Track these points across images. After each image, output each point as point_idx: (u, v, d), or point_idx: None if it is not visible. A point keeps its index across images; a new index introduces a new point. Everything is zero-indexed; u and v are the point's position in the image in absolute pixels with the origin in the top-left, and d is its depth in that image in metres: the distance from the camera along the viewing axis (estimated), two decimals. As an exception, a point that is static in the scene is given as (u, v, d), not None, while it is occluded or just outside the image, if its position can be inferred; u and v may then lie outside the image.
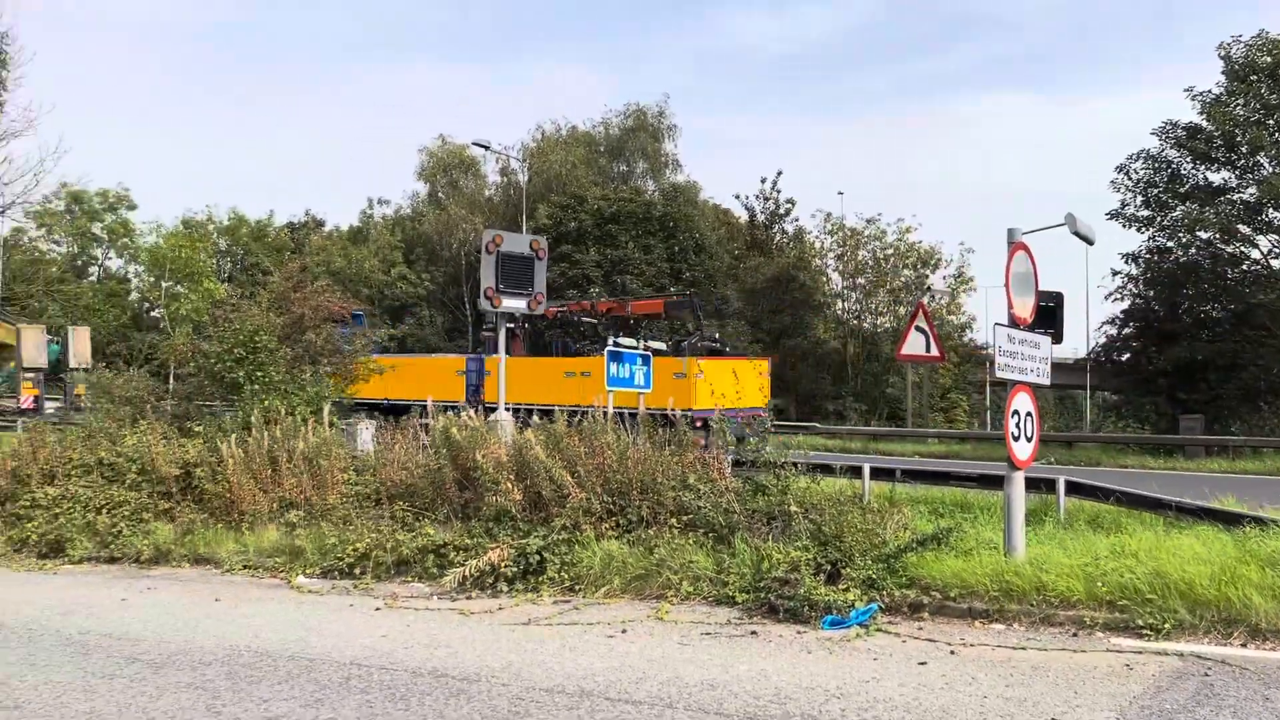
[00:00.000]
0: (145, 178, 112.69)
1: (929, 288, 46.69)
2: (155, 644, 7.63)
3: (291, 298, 17.09)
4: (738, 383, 22.60)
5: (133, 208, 61.20)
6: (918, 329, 24.82)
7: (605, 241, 42.92)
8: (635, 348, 18.05)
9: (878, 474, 13.11)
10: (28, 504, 12.20)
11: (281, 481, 11.88)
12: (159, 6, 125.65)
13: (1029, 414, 9.05)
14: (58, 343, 38.19)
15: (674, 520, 9.68)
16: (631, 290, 41.03)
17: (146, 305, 59.51)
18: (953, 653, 7.00)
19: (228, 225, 63.22)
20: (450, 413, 12.58)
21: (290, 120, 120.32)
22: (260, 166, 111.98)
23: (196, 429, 13.50)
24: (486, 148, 46.49)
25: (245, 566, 10.84)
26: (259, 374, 14.44)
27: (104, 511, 11.88)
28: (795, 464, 10.38)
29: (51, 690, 6.39)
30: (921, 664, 6.71)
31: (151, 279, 56.67)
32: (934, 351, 24.58)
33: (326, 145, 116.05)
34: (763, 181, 52.52)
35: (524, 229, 41.46)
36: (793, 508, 9.48)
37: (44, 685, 6.50)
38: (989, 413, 48.06)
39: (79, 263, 62.00)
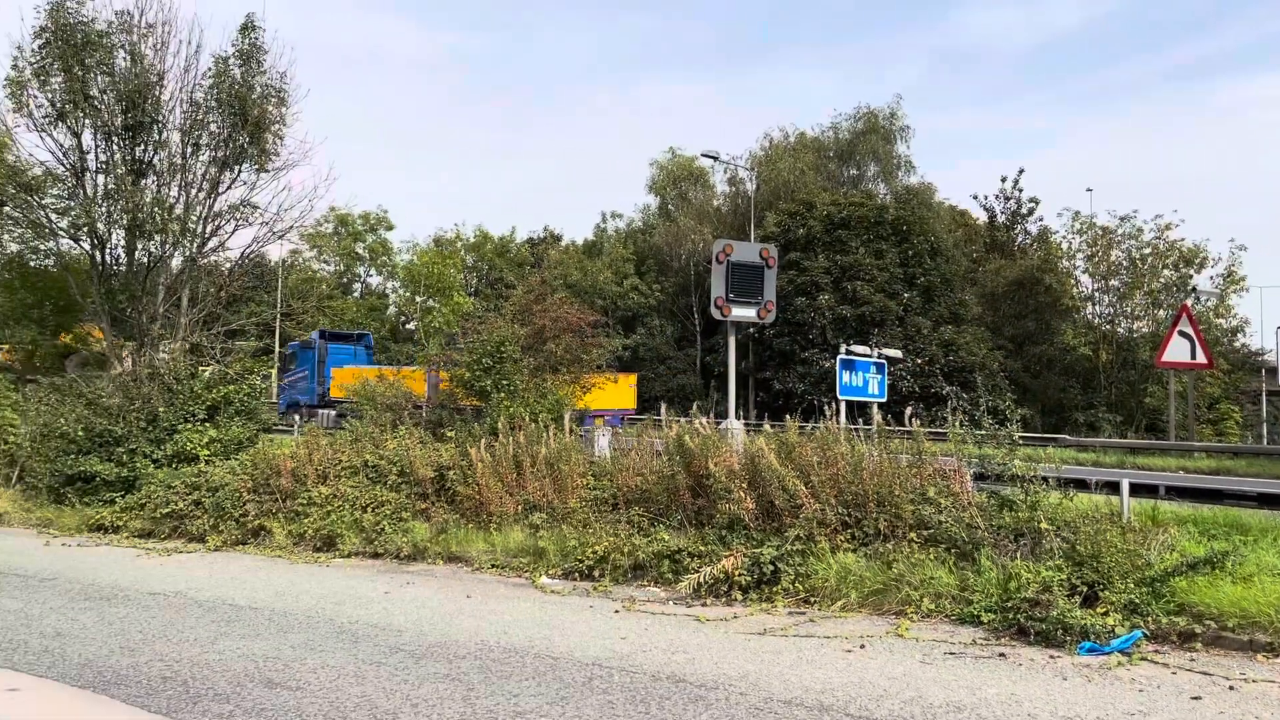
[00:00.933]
0: (400, 199, 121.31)
1: (1193, 289, 42.93)
2: (415, 635, 8.18)
3: (533, 310, 17.91)
4: (607, 390, 30.31)
5: (390, 228, 66.75)
6: (1181, 334, 22.96)
7: (835, 248, 42.21)
8: (869, 355, 17.62)
9: (1137, 490, 12.14)
10: (305, 502, 13.40)
11: (525, 485, 12.43)
12: (402, 37, 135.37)
13: (1320, 427, 8.13)
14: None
15: (913, 534, 9.38)
16: (862, 296, 40.25)
17: (403, 318, 64.11)
18: (1231, 688, 6.38)
19: (474, 242, 67.16)
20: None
21: (528, 140, 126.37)
22: (502, 185, 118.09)
23: (449, 434, 14.37)
24: (715, 158, 46.97)
25: (493, 565, 11.42)
26: (504, 382, 15.21)
27: (369, 510, 12.89)
28: (1045, 478, 9.79)
29: (328, 674, 6.98)
30: (1195, 699, 6.16)
31: (407, 294, 60.99)
32: (1200, 358, 22.66)
33: (563, 163, 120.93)
34: (1003, 181, 50.18)
35: (752, 238, 41.50)
36: (1043, 524, 8.95)
37: (321, 669, 7.11)
38: (1266, 425, 43.62)
39: (345, 280, 67.84)
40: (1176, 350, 19.99)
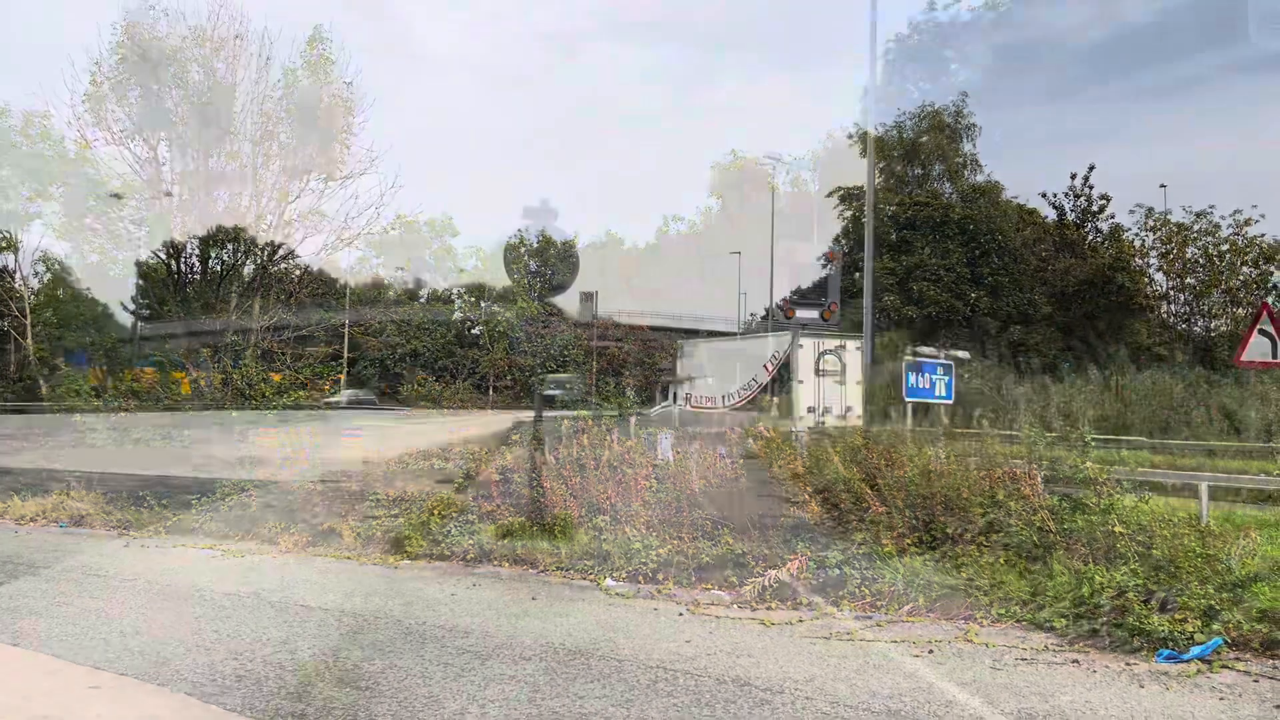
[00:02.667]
0: (463, 205, 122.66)
1: (1274, 286, 41.59)
2: (481, 637, 8.25)
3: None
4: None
5: (455, 234, 67.51)
6: (1261, 332, 22.12)
7: (900, 248, 41.73)
8: (936, 357, 17.37)
9: (1216, 494, 11.79)
10: (373, 504, 13.61)
11: (589, 488, 12.49)
12: (469, 50, 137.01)
13: None
14: None
15: (982, 538, 9.22)
16: (928, 296, 39.74)
17: (468, 323, 64.88)
18: (1319, 699, 6.15)
19: (537, 247, 67.71)
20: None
21: (589, 145, 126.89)
22: (564, 190, 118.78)
23: (513, 437, 14.49)
24: (777, 160, 46.93)
25: (558, 568, 11.45)
26: (568, 385, 15.28)
27: (435, 513, 13.04)
28: (1118, 481, 9.56)
29: (396, 674, 7.07)
30: (1279, 707, 5.95)
31: (472, 299, 61.62)
32: (1283, 357, 21.79)
33: (624, 167, 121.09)
34: (1073, 178, 49.08)
35: (815, 239, 41.20)
36: (1117, 528, 8.73)
37: (390, 670, 7.22)
38: (1354, 426, 41.98)
39: (411, 285, 68.87)
40: (1257, 349, 19.32)
